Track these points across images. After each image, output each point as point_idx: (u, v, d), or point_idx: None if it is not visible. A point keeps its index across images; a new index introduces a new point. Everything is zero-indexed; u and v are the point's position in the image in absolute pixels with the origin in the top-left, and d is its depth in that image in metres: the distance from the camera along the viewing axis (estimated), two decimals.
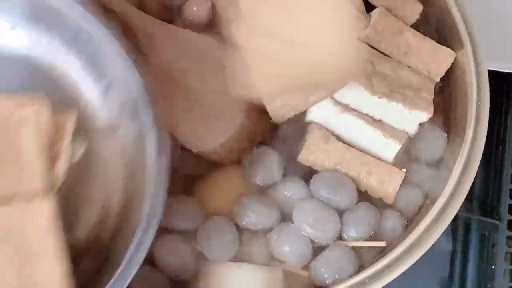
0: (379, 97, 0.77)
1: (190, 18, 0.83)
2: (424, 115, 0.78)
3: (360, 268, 0.72)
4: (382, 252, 0.73)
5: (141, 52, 0.77)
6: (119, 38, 0.68)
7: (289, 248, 0.73)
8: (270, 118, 0.78)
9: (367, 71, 0.78)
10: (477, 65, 0.79)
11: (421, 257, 0.71)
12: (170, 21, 0.81)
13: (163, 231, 0.72)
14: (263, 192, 0.76)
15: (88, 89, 0.70)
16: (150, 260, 0.71)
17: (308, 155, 0.76)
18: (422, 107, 0.77)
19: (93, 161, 0.69)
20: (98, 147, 0.69)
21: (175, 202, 0.73)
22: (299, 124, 0.79)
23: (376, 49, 0.81)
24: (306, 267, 0.73)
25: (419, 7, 0.82)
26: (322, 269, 0.72)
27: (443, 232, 0.72)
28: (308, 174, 0.77)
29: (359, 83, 0.76)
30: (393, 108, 0.77)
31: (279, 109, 0.76)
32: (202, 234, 0.73)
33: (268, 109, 0.76)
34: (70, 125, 0.65)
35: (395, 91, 0.78)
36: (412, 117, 0.78)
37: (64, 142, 0.63)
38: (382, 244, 0.74)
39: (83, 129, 0.68)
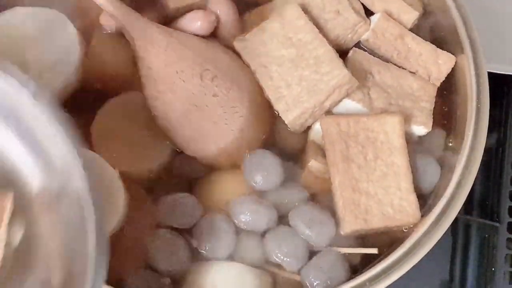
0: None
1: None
2: (422, 130, 0.78)
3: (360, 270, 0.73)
4: (382, 254, 0.73)
5: (137, 55, 0.76)
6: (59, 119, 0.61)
7: (284, 250, 0.72)
8: (270, 124, 0.78)
9: (366, 84, 0.78)
10: (477, 67, 0.79)
11: (421, 260, 0.71)
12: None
13: (158, 226, 0.72)
14: (262, 195, 0.76)
15: (26, 167, 0.63)
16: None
17: (306, 183, 0.77)
18: (420, 122, 0.77)
19: (33, 238, 0.62)
20: (37, 224, 0.63)
21: (172, 199, 0.73)
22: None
23: (376, 53, 0.81)
24: (298, 272, 0.73)
25: (416, 13, 0.82)
26: (314, 275, 0.71)
27: (443, 235, 0.72)
28: None
29: (357, 101, 0.77)
30: None
31: (297, 120, 0.76)
32: (199, 230, 0.72)
33: (286, 122, 0.76)
34: (8, 206, 0.59)
35: (394, 103, 0.78)
36: (410, 131, 0.78)
37: (1, 226, 0.58)
38: (374, 251, 0.74)
39: (21, 208, 0.62)
